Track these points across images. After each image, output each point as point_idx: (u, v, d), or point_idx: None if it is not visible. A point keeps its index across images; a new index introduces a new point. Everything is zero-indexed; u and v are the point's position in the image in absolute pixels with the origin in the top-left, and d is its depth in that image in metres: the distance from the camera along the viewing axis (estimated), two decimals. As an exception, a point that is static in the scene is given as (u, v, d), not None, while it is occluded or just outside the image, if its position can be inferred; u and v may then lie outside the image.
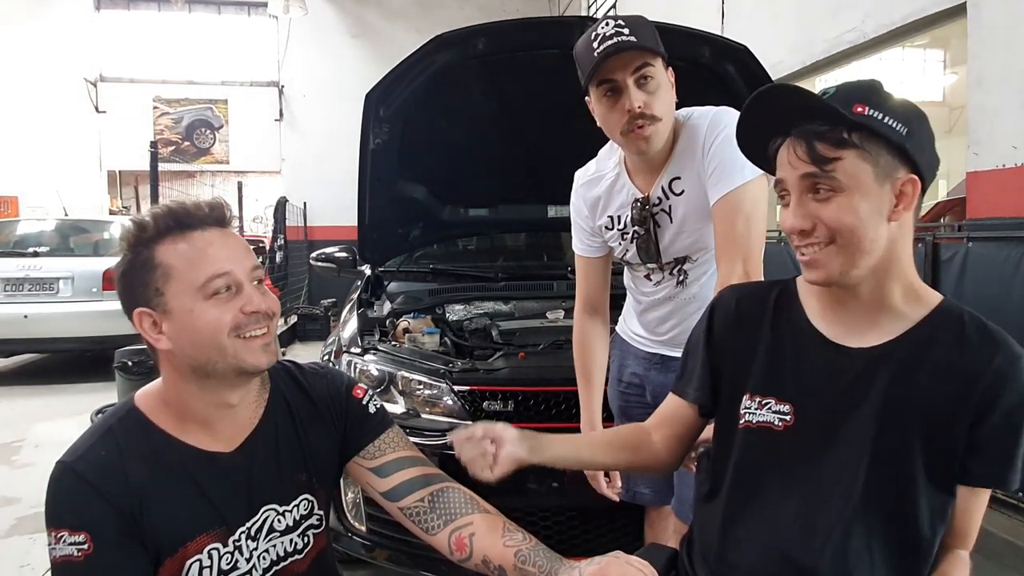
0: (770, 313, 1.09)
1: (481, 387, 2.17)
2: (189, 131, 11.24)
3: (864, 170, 0.92)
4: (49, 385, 5.95)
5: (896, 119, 0.92)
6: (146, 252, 1.02)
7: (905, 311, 0.99)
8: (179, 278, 1.01)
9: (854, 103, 0.92)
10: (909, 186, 0.94)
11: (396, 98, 2.56)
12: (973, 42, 3.54)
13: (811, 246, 0.96)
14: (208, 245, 1.03)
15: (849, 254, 0.94)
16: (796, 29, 5.14)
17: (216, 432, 1.08)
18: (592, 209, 1.69)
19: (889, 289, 0.98)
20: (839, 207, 0.93)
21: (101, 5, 10.92)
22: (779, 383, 1.04)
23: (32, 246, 6.20)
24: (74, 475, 0.98)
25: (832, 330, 1.03)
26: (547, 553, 1.03)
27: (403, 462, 1.17)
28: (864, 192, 0.92)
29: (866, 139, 0.92)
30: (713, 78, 2.46)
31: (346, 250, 3.44)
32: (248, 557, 1.08)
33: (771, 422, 1.03)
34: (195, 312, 1.01)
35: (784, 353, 1.05)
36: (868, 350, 0.99)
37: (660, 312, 1.68)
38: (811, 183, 0.94)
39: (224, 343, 1.01)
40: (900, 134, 0.92)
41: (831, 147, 0.92)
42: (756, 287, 1.17)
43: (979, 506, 0.99)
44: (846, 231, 0.93)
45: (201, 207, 1.06)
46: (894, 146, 0.92)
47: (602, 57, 1.39)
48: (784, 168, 0.97)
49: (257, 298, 1.04)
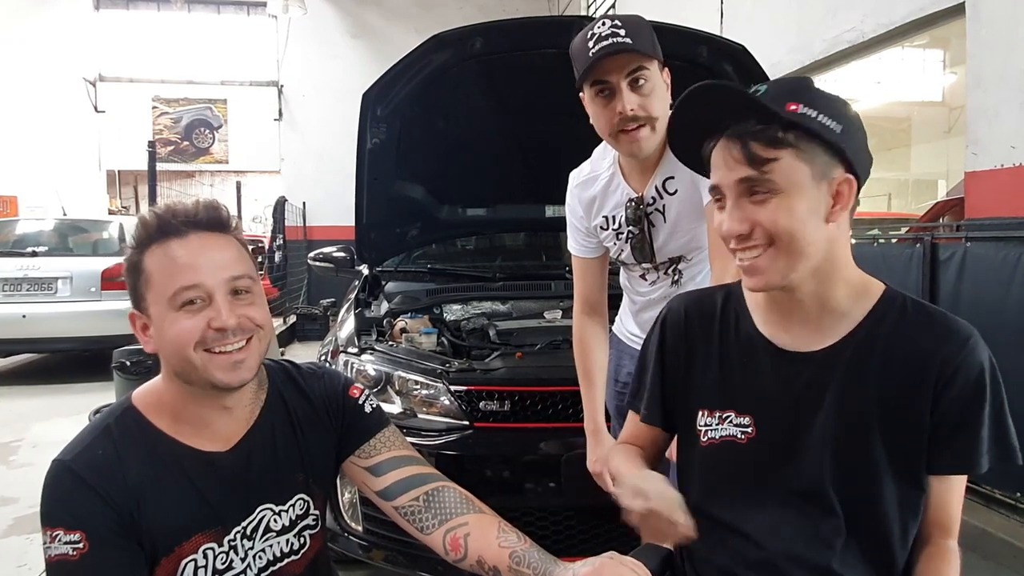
0: (718, 324, 1.08)
1: (478, 387, 2.17)
2: (188, 131, 11.23)
3: (801, 170, 0.90)
4: (47, 385, 5.95)
5: (831, 117, 0.90)
6: (137, 256, 1.02)
7: (850, 309, 0.98)
8: (155, 287, 1.00)
9: (787, 101, 0.89)
10: (845, 186, 0.92)
11: (393, 98, 2.56)
12: (972, 42, 3.54)
13: (750, 250, 0.94)
14: (183, 255, 1.00)
15: (788, 257, 0.92)
16: (795, 29, 5.14)
17: (212, 432, 1.07)
18: (587, 209, 1.69)
19: (832, 290, 0.97)
20: (776, 209, 0.90)
21: (100, 4, 10.90)
22: (735, 395, 1.04)
23: (31, 246, 6.19)
24: (70, 474, 0.98)
25: (781, 337, 1.02)
26: (541, 554, 1.03)
27: (398, 461, 1.17)
28: (801, 193, 0.90)
29: (801, 138, 0.89)
30: (711, 78, 2.45)
31: (344, 250, 3.44)
32: (243, 557, 1.08)
33: (734, 435, 1.02)
34: (166, 322, 1.00)
35: (736, 364, 1.05)
36: (818, 353, 0.98)
37: (655, 311, 1.68)
38: (747, 187, 0.92)
39: (191, 356, 0.99)
40: (835, 132, 0.90)
41: (766, 147, 0.89)
42: (703, 295, 1.15)
43: (955, 495, 0.98)
44: (784, 234, 0.91)
45: (190, 211, 1.03)
46: (830, 145, 0.90)
47: (597, 58, 1.39)
48: (719, 171, 0.95)
49: (226, 313, 1.00)
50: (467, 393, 2.16)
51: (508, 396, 2.16)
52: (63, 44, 10.47)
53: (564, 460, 2.08)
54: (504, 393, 2.16)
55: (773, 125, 0.90)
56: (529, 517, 2.13)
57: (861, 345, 0.96)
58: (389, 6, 11.40)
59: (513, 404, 2.16)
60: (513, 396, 2.16)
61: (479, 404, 2.15)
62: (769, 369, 1.02)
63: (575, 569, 0.98)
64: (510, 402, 2.16)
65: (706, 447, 1.05)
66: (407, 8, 11.36)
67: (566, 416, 2.14)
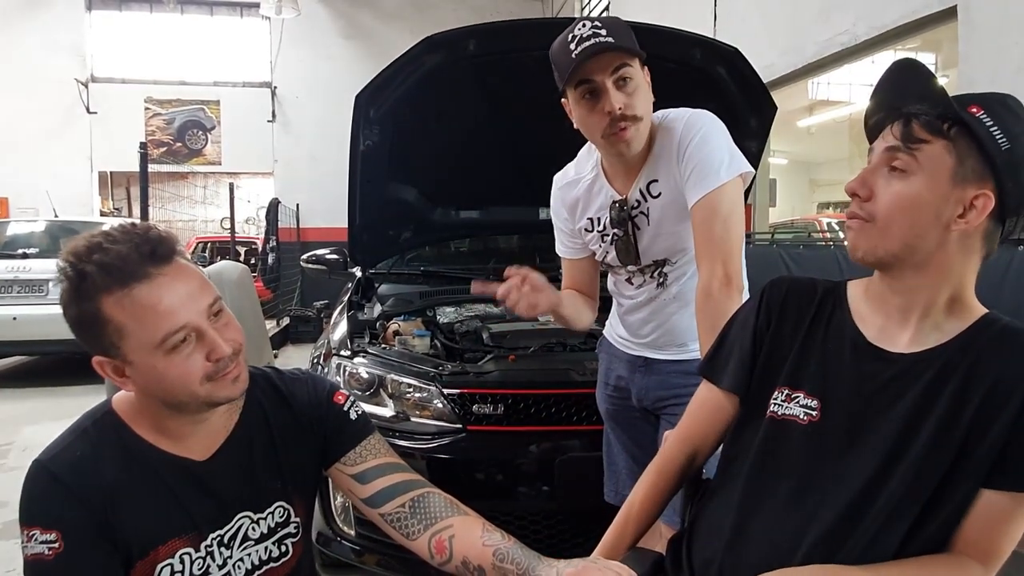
0: (815, 307, 1.08)
1: (471, 390, 2.16)
2: (181, 132, 11.19)
3: (944, 163, 0.89)
4: (38, 388, 5.92)
5: (1005, 133, 0.88)
6: (90, 305, 0.95)
7: (949, 322, 0.97)
8: (133, 336, 0.95)
9: (973, 103, 0.89)
10: (982, 200, 0.89)
11: (386, 100, 2.55)
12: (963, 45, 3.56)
13: (855, 215, 0.95)
14: (157, 300, 0.95)
15: (886, 239, 0.93)
16: (788, 31, 5.16)
17: (190, 442, 1.08)
18: (571, 211, 1.69)
19: (935, 298, 0.96)
20: (901, 188, 0.91)
21: (92, 5, 10.86)
22: (811, 377, 1.03)
23: (21, 247, 6.16)
24: (48, 474, 0.99)
25: (873, 332, 1.01)
26: (525, 551, 1.04)
27: (384, 468, 1.17)
28: (933, 184, 0.89)
29: (962, 136, 0.89)
30: (704, 80, 2.46)
31: (337, 252, 3.43)
32: (221, 564, 1.08)
33: (796, 415, 1.01)
34: (159, 368, 0.97)
35: (821, 348, 1.04)
36: (906, 355, 0.97)
37: (642, 314, 1.68)
38: (890, 156, 0.93)
39: (197, 391, 0.99)
40: (999, 146, 0.87)
41: (925, 130, 0.90)
42: (807, 281, 1.14)
43: (1003, 519, 0.91)
44: (894, 214, 0.91)
45: (140, 248, 0.96)
46: (986, 155, 0.88)
47: (581, 59, 1.39)
48: (880, 138, 0.97)
49: (221, 342, 0.99)
50: (460, 396, 2.16)
51: (501, 399, 2.15)
52: (55, 45, 10.43)
53: (557, 463, 2.08)
54: (497, 396, 2.15)
55: (942, 115, 0.90)
56: (523, 520, 2.12)
57: (950, 358, 0.94)
58: (382, 7, 11.40)
59: (507, 407, 2.15)
60: (507, 399, 2.15)
61: (472, 407, 2.15)
62: (851, 359, 1.01)
63: (559, 567, 0.98)
64: (503, 405, 2.15)
65: (768, 420, 1.04)
66: (401, 9, 11.36)
67: (559, 419, 2.14)
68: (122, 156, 10.08)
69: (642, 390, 1.70)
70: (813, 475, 0.99)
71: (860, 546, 0.93)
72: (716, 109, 1.57)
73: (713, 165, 1.43)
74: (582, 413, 2.13)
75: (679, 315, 1.63)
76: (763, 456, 1.04)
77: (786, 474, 1.01)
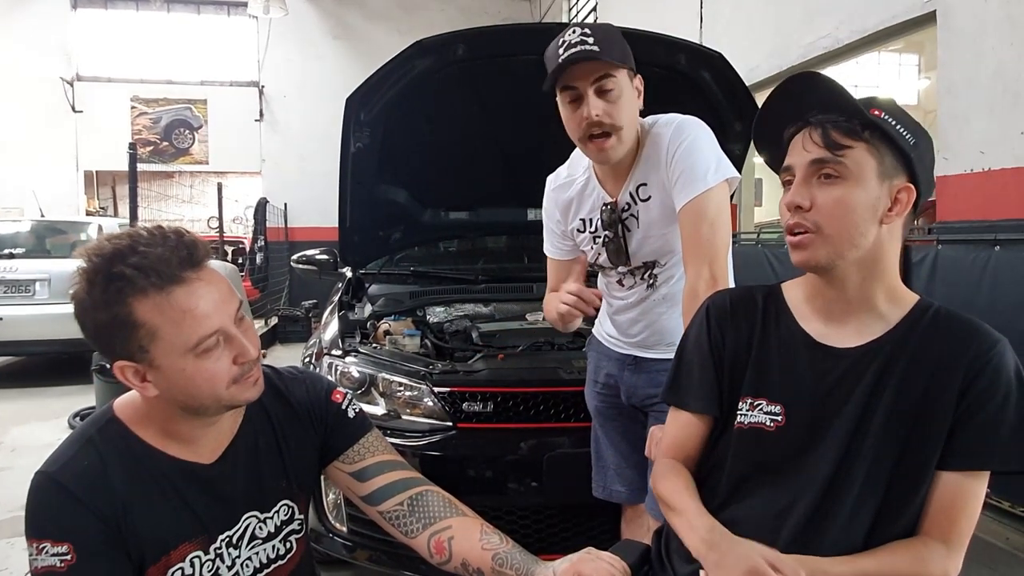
0: (760, 314, 1.13)
1: (461, 388, 2.19)
2: (168, 131, 11.11)
3: (869, 164, 0.98)
4: (25, 388, 5.88)
5: (907, 129, 0.99)
6: (121, 309, 0.94)
7: (887, 312, 1.04)
8: (167, 339, 0.96)
9: (872, 107, 0.99)
10: (905, 193, 1.00)
11: (376, 102, 2.58)
12: (943, 49, 3.62)
13: (801, 227, 1.01)
14: (195, 303, 0.96)
15: (835, 244, 0.99)
16: (772, 35, 5.22)
17: (198, 445, 1.08)
18: (564, 212, 1.73)
19: (874, 290, 1.03)
20: (839, 193, 0.98)
21: (78, 4, 10.76)
22: (769, 384, 1.08)
23: (7, 247, 6.11)
24: (56, 485, 0.98)
25: (818, 331, 1.07)
26: (523, 555, 1.06)
27: (383, 466, 1.19)
28: (864, 185, 0.98)
29: (876, 138, 0.99)
30: (689, 84, 2.51)
31: (327, 252, 3.44)
32: (230, 565, 1.09)
33: (763, 423, 1.06)
34: (188, 371, 0.98)
35: (774, 354, 1.09)
36: (853, 350, 1.04)
37: (631, 314, 1.72)
38: (819, 167, 1.00)
39: (222, 394, 1.01)
40: (908, 142, 0.99)
41: (844, 135, 0.99)
42: (744, 291, 1.20)
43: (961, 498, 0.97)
44: (838, 218, 0.98)
45: (178, 252, 0.96)
46: (900, 152, 0.99)
47: (564, 64, 1.42)
48: (796, 153, 1.03)
49: (249, 346, 1.01)
50: (450, 394, 2.19)
51: (491, 397, 2.18)
52: (40, 43, 10.33)
53: (546, 459, 2.12)
54: (487, 394, 2.19)
55: (854, 120, 0.98)
56: (512, 516, 2.16)
57: (895, 346, 1.02)
58: (371, 7, 11.38)
59: (496, 405, 2.18)
60: (496, 397, 2.19)
61: (462, 405, 2.18)
62: (805, 361, 1.07)
63: (555, 567, 1.01)
64: (493, 403, 2.18)
65: (736, 431, 1.09)
66: (389, 10, 11.35)
67: (548, 416, 2.18)
68: (108, 155, 10.05)
69: (631, 388, 1.74)
70: (785, 474, 1.04)
71: (831, 539, 0.99)
72: (701, 113, 1.61)
73: (700, 170, 1.48)
74: (570, 410, 2.17)
75: (668, 315, 1.67)
76: (737, 461, 1.09)
77: (760, 475, 1.06)
